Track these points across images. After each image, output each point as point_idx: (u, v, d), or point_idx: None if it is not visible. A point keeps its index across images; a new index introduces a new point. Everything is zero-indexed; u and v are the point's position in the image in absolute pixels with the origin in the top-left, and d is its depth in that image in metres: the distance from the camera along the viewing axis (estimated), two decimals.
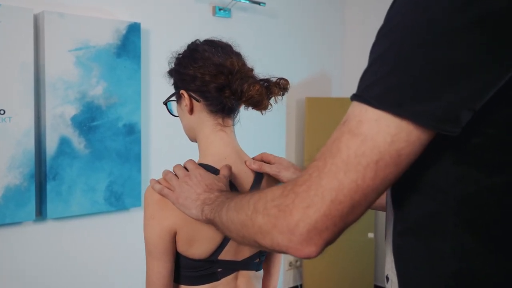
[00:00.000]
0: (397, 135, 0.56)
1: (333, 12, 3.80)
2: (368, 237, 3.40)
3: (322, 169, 0.59)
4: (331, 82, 3.81)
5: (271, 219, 0.63)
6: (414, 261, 0.67)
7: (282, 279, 3.51)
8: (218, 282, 1.07)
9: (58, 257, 2.42)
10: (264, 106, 1.05)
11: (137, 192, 2.59)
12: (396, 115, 0.56)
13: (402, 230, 0.68)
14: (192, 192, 0.95)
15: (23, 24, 2.18)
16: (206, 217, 0.89)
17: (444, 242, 0.63)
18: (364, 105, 0.58)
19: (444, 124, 0.55)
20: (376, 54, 0.60)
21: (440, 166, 0.62)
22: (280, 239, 0.62)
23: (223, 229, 0.83)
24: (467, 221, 0.61)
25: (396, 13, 0.60)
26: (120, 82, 2.50)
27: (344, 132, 0.59)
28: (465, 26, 0.54)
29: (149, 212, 1.02)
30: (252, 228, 0.68)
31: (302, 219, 0.59)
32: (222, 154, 1.08)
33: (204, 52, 1.06)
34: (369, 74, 0.60)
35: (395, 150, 0.57)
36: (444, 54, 0.54)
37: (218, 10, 2.98)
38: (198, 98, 1.07)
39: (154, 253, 1.02)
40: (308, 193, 0.59)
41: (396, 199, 0.69)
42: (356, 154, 0.57)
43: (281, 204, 0.62)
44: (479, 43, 0.54)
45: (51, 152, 2.30)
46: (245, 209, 0.71)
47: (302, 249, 0.61)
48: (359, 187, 0.58)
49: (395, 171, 0.58)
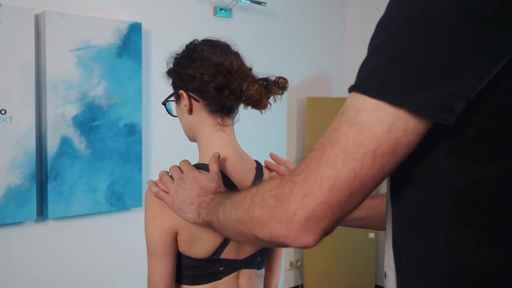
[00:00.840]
0: (394, 124, 0.57)
1: (333, 12, 3.80)
2: (368, 237, 3.40)
3: (320, 158, 0.60)
4: (331, 82, 3.81)
5: (269, 209, 0.63)
6: (409, 254, 0.67)
7: (283, 279, 3.51)
8: (220, 281, 1.07)
9: (59, 257, 2.42)
10: (264, 105, 1.05)
11: (138, 192, 2.59)
12: (393, 105, 0.57)
13: (399, 223, 0.69)
14: (187, 196, 0.94)
15: (24, 24, 2.18)
16: (203, 220, 0.89)
17: (438, 234, 0.63)
18: (362, 95, 0.59)
19: (440, 113, 0.56)
20: (374, 45, 0.61)
21: (434, 158, 0.62)
22: (278, 228, 0.62)
23: (220, 229, 0.83)
24: (462, 213, 0.61)
25: (394, 6, 0.61)
26: (121, 82, 2.50)
27: (342, 122, 0.60)
28: (460, 18, 0.55)
29: (150, 213, 1.02)
30: (250, 222, 0.68)
31: (300, 207, 0.59)
32: (222, 154, 1.08)
33: (202, 52, 1.06)
34: (366, 65, 0.61)
35: (392, 139, 0.57)
36: (440, 46, 0.56)
37: (219, 10, 2.99)
38: (197, 98, 1.07)
39: (156, 254, 1.02)
40: (306, 182, 0.60)
41: (393, 192, 0.70)
42: (354, 143, 0.58)
43: (278, 193, 0.62)
44: (472, 34, 0.55)
45: (52, 152, 2.30)
46: (242, 204, 0.71)
47: (300, 238, 0.61)
48: (357, 176, 0.58)
49: (392, 161, 0.59)
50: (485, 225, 0.61)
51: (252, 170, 1.12)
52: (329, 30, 3.77)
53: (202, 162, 1.07)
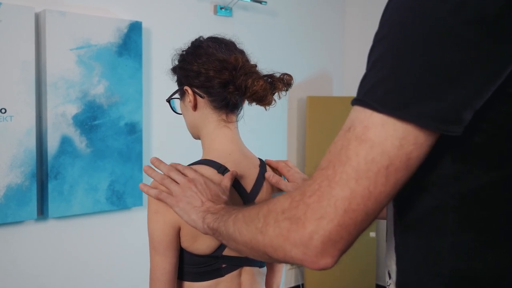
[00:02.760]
0: (405, 139, 0.56)
1: (334, 10, 3.79)
2: (369, 236, 3.40)
3: (332, 178, 0.58)
4: (332, 81, 3.81)
5: (283, 231, 0.62)
6: (414, 258, 0.67)
7: (283, 278, 3.51)
8: (222, 278, 1.07)
9: (59, 256, 2.42)
10: (268, 101, 1.05)
11: (139, 192, 2.58)
12: (401, 119, 0.56)
13: (403, 228, 0.68)
14: (197, 198, 0.94)
15: (24, 22, 2.18)
16: (208, 225, 0.88)
17: (443, 238, 0.63)
18: (368, 109, 0.58)
19: (448, 125, 0.56)
20: (375, 57, 0.60)
21: (440, 162, 0.62)
22: (294, 252, 0.61)
23: (227, 240, 0.81)
24: (467, 217, 0.61)
25: (391, 16, 0.60)
26: (121, 81, 2.50)
27: (351, 139, 0.58)
28: (461, 26, 0.54)
29: (153, 207, 1.02)
30: (262, 241, 0.66)
31: (316, 231, 0.58)
32: (226, 150, 1.08)
33: (208, 48, 1.06)
34: (369, 78, 0.60)
35: (404, 154, 0.56)
36: (442, 55, 0.54)
37: (219, 9, 2.98)
38: (202, 94, 1.07)
39: (158, 249, 1.02)
40: (320, 204, 0.58)
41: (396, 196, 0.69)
42: (366, 160, 0.56)
43: (292, 216, 0.61)
44: (475, 42, 0.54)
45: (52, 151, 2.30)
46: (255, 221, 0.69)
47: (318, 262, 0.60)
48: (371, 194, 0.57)
49: (406, 175, 0.58)
50: (490, 229, 0.60)
51: (256, 167, 1.12)
52: (329, 29, 3.76)
53: (206, 158, 1.07)
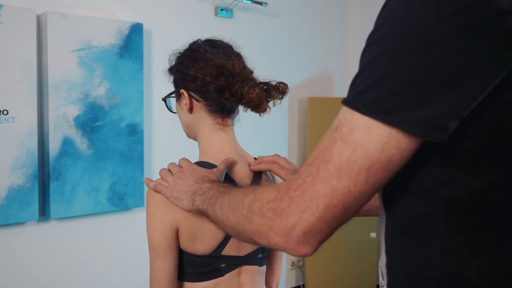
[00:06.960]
0: (388, 144, 0.58)
1: (335, 11, 3.80)
2: (370, 236, 3.40)
3: (315, 175, 0.61)
4: (333, 82, 3.81)
5: (267, 221, 0.66)
6: (404, 262, 0.68)
7: (284, 279, 3.51)
8: (222, 278, 1.08)
9: (61, 257, 2.43)
10: (263, 109, 1.07)
11: (140, 192, 2.59)
12: (386, 124, 0.57)
13: (393, 232, 0.69)
14: (184, 184, 0.98)
15: (26, 24, 2.19)
16: (197, 207, 0.92)
17: (432, 243, 0.63)
18: (355, 112, 0.59)
19: (433, 132, 0.57)
20: (366, 60, 0.61)
21: (428, 168, 0.63)
22: (277, 240, 0.65)
23: (217, 223, 0.86)
24: (456, 222, 0.62)
25: (385, 20, 0.60)
26: (122, 82, 2.51)
27: (337, 138, 0.61)
28: (452, 34, 0.54)
29: (151, 210, 1.04)
30: (248, 228, 0.70)
31: (298, 222, 0.62)
32: (222, 152, 1.09)
33: (205, 53, 1.07)
34: (359, 80, 0.61)
35: (385, 158, 0.59)
36: (432, 63, 0.55)
37: (220, 10, 2.99)
38: (198, 98, 1.08)
39: (158, 251, 1.03)
40: (303, 198, 0.61)
41: (387, 200, 0.70)
42: (348, 161, 0.59)
43: (276, 207, 0.64)
44: (465, 51, 0.54)
45: (54, 153, 2.30)
46: (240, 208, 0.73)
47: (298, 249, 0.64)
48: (351, 193, 0.60)
49: (386, 176, 0.60)
50: (479, 233, 0.61)
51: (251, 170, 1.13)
52: (330, 29, 3.77)
53: (202, 160, 1.08)
